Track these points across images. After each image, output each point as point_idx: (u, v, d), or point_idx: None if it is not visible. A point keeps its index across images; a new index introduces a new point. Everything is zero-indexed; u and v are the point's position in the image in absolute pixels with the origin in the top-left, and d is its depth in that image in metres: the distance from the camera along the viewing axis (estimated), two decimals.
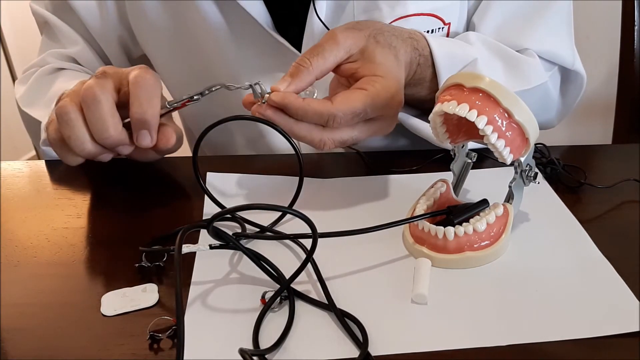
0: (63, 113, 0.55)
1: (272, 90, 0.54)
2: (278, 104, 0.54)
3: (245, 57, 0.75)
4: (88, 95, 0.54)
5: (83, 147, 0.55)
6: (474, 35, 0.72)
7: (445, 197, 0.56)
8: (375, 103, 0.55)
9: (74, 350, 0.43)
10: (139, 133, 0.56)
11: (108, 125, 0.54)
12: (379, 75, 0.56)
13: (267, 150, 0.80)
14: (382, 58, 0.57)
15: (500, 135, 0.49)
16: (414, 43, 0.62)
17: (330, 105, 0.54)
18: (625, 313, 0.45)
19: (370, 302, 0.47)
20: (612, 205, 0.59)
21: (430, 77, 0.64)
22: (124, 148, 0.57)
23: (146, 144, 0.56)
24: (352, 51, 0.57)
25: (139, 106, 0.55)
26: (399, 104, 0.57)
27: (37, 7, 0.81)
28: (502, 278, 0.49)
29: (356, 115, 0.54)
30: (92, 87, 0.54)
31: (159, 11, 0.75)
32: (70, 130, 0.55)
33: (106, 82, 0.55)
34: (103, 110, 0.54)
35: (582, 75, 0.78)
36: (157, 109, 0.56)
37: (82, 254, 0.54)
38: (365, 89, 0.55)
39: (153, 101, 0.55)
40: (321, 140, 0.55)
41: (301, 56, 0.56)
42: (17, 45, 2.14)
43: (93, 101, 0.54)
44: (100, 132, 0.54)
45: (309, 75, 0.55)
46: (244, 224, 0.55)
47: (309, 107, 0.53)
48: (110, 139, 0.55)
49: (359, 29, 0.58)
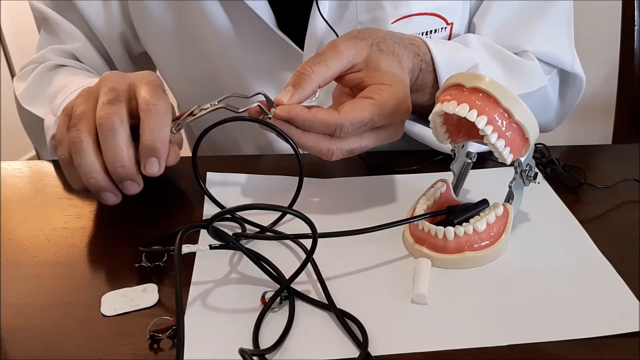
0: (77, 142, 0.53)
1: (276, 103, 0.54)
2: (284, 117, 0.53)
3: (248, 55, 0.75)
4: (106, 125, 0.52)
5: (92, 176, 0.54)
6: (474, 38, 0.72)
7: (445, 197, 0.56)
8: (383, 112, 0.54)
9: (74, 350, 0.43)
10: (148, 161, 0.54)
11: (123, 156, 0.53)
12: (386, 84, 0.56)
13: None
14: (387, 66, 0.57)
15: (500, 135, 0.49)
16: (415, 49, 0.62)
17: (337, 115, 0.53)
18: (625, 313, 0.45)
19: (370, 302, 0.47)
20: (612, 205, 0.59)
21: (432, 83, 0.64)
22: (132, 185, 0.55)
23: (153, 173, 0.54)
24: (355, 61, 0.57)
25: (150, 134, 0.53)
26: (407, 111, 0.57)
27: (36, 3, 0.80)
28: (502, 278, 0.49)
29: (364, 124, 0.54)
30: (111, 117, 0.53)
31: (161, 10, 0.75)
32: (80, 158, 0.53)
33: (122, 109, 0.54)
34: (120, 141, 0.53)
35: (581, 78, 0.78)
36: (166, 137, 0.54)
37: (82, 254, 0.54)
38: (372, 98, 0.55)
39: (163, 129, 0.54)
40: (329, 150, 0.55)
41: (302, 65, 0.55)
42: (17, 45, 2.14)
43: (110, 132, 0.52)
44: (114, 162, 0.53)
45: (311, 83, 0.55)
46: (244, 224, 0.55)
47: (315, 118, 0.53)
48: (124, 169, 0.53)
49: (361, 38, 0.58)
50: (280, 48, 0.73)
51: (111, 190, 0.55)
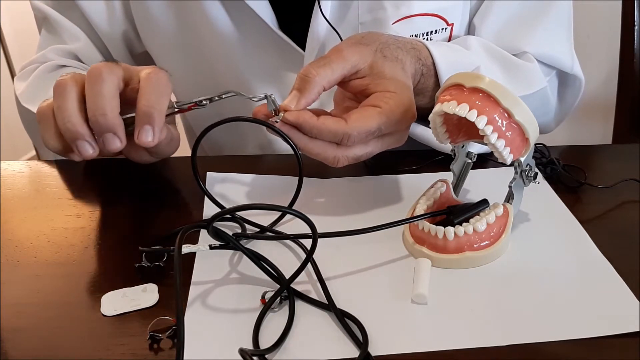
0: (62, 84, 0.52)
1: (283, 109, 0.54)
2: (293, 122, 0.53)
3: (249, 56, 0.75)
4: (93, 72, 0.52)
5: (70, 120, 0.51)
6: (474, 40, 0.72)
7: (445, 197, 0.56)
8: (390, 120, 0.54)
9: (74, 350, 0.43)
10: (142, 128, 0.52)
11: (105, 104, 0.51)
12: (392, 91, 0.55)
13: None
14: (391, 73, 0.57)
15: (500, 135, 0.49)
16: (417, 54, 0.62)
17: (345, 125, 0.53)
18: (625, 313, 0.45)
19: (370, 302, 0.47)
20: (612, 205, 0.59)
21: (433, 87, 0.64)
22: (113, 139, 0.52)
23: (147, 141, 0.52)
24: (359, 66, 0.56)
25: (147, 100, 0.52)
26: (412, 117, 0.57)
27: (38, 2, 0.80)
28: (502, 278, 0.49)
29: (371, 133, 0.54)
30: (100, 67, 0.52)
31: (163, 10, 0.75)
32: (62, 100, 0.51)
33: (116, 68, 0.53)
34: (105, 88, 0.51)
35: (580, 79, 0.78)
36: (164, 107, 0.53)
37: (82, 254, 0.54)
38: (379, 106, 0.54)
39: (162, 99, 0.53)
40: (335, 158, 0.55)
41: (306, 67, 0.55)
42: (17, 45, 2.14)
43: (97, 78, 0.51)
44: (96, 109, 0.51)
45: (316, 86, 0.54)
46: (244, 224, 0.55)
47: (323, 127, 0.53)
48: (105, 118, 0.51)
49: (365, 44, 0.58)
50: (282, 49, 0.73)
51: (88, 139, 0.52)
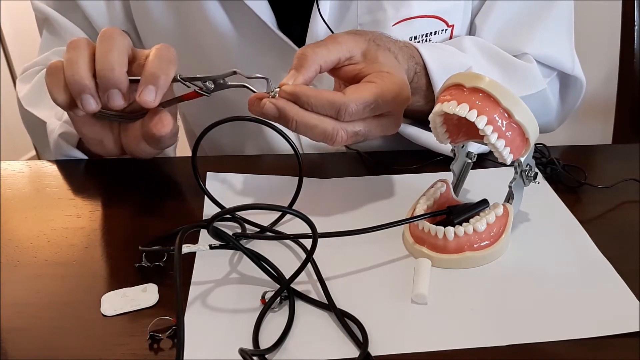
0: (75, 41, 0.55)
1: (281, 86, 0.54)
2: (290, 94, 0.53)
3: (248, 56, 0.75)
4: (106, 33, 0.55)
5: (77, 72, 0.54)
6: (469, 41, 0.72)
7: (445, 197, 0.56)
8: (385, 95, 0.54)
9: (74, 350, 0.43)
10: (146, 87, 0.54)
11: (114, 60, 0.54)
12: (386, 71, 0.56)
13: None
14: (384, 59, 0.57)
15: (500, 135, 0.49)
16: (409, 51, 0.62)
17: (342, 96, 0.53)
18: (625, 313, 0.45)
19: (370, 302, 0.47)
20: (612, 205, 0.59)
21: (427, 86, 0.64)
22: (117, 95, 0.55)
23: (148, 101, 0.54)
24: (353, 52, 0.57)
25: (155, 64, 0.55)
26: (407, 99, 0.57)
27: (39, 3, 0.80)
28: (502, 278, 0.49)
29: (367, 105, 0.53)
30: (112, 29, 0.56)
31: (162, 10, 0.75)
32: (73, 53, 0.55)
33: (127, 36, 0.56)
34: (115, 47, 0.54)
35: (581, 81, 0.78)
36: (170, 74, 0.55)
37: (82, 254, 0.54)
38: (374, 82, 0.55)
39: (170, 66, 0.56)
40: (334, 129, 0.53)
41: (302, 48, 0.55)
42: (17, 45, 2.14)
43: (109, 38, 0.55)
44: (104, 64, 0.54)
45: (314, 64, 0.55)
46: (244, 224, 0.55)
47: (321, 95, 0.53)
48: (112, 73, 0.54)
49: (359, 34, 0.59)
50: (281, 49, 0.73)
51: (92, 93, 0.55)
